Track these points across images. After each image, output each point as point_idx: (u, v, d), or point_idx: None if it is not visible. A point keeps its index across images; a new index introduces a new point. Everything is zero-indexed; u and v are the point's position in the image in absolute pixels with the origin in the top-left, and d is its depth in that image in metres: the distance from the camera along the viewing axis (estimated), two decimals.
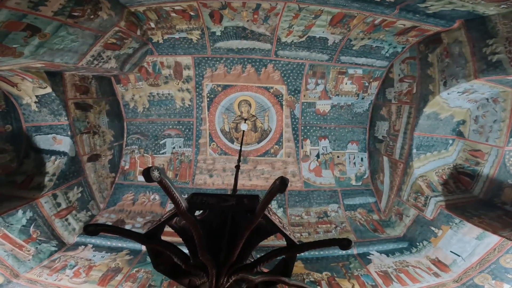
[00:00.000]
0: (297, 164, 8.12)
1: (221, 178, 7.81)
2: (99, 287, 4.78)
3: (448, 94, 5.70)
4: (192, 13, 5.89)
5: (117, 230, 1.84)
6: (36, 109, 6.19)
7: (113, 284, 4.86)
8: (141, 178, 7.79)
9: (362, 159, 8.25)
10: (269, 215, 1.82)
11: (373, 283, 5.27)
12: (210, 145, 7.83)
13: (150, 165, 1.05)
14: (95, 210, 6.98)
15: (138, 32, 6.14)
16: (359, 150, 8.32)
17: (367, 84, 7.67)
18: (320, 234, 6.79)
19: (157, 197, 7.52)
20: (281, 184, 1.31)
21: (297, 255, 2.02)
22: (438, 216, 5.73)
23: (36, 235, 5.30)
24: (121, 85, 7.47)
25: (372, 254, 6.01)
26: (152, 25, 6.14)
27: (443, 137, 6.54)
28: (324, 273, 5.47)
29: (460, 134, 6.50)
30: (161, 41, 6.65)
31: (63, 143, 6.45)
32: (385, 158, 7.41)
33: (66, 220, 6.05)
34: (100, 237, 6.09)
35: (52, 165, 6.28)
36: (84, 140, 6.76)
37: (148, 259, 5.60)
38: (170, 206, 7.27)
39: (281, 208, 7.47)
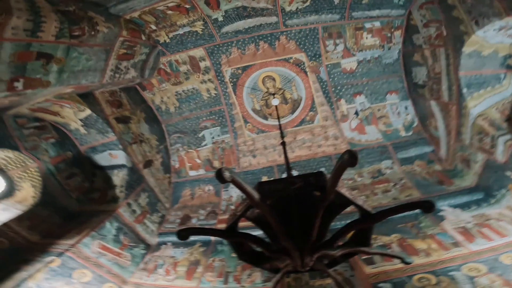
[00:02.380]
0: (336, 126, 7.89)
1: (265, 156, 8.03)
2: (188, 281, 5.54)
3: (484, 32, 4.92)
4: (187, 6, 5.79)
5: (203, 231, 2.12)
6: (85, 132, 6.83)
7: (197, 277, 5.60)
8: (192, 173, 8.43)
9: (406, 108, 7.63)
10: (339, 190, 1.77)
11: (452, 241, 4.84)
12: (245, 126, 7.96)
13: (220, 167, 1.17)
14: (164, 210, 7.85)
15: (143, 37, 6.19)
16: (401, 99, 7.68)
17: (389, 34, 7.10)
18: (378, 195, 6.55)
19: (211, 187, 8.10)
20: (350, 158, 1.24)
21: None
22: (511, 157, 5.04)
23: (127, 242, 6.22)
24: (147, 91, 7.77)
25: (444, 210, 5.42)
26: (153, 27, 6.17)
27: (493, 72, 5.68)
28: (393, 236, 5.23)
29: (510, 67, 5.60)
30: (168, 40, 6.70)
31: (119, 157, 7.15)
32: (433, 103, 6.73)
33: (144, 224, 6.96)
34: (174, 234, 6.96)
35: (117, 178, 7.10)
36: (135, 150, 7.37)
37: (219, 248, 6.32)
38: (224, 194, 7.84)
39: None
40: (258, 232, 2.14)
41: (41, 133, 6.37)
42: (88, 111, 6.28)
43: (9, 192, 6.06)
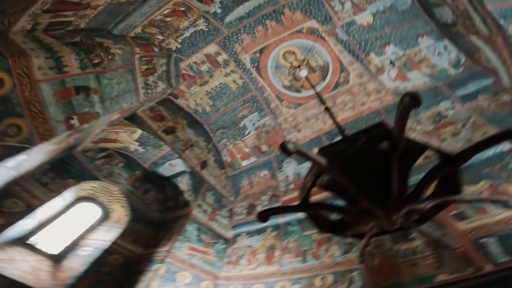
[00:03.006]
0: (374, 80, 7.32)
1: (309, 128, 7.93)
2: (269, 266, 5.99)
3: None
4: (182, 8, 5.87)
5: (280, 209, 2.16)
6: (143, 150, 7.56)
7: (277, 260, 6.03)
8: (245, 163, 8.76)
9: (445, 47, 6.61)
10: (408, 136, 1.62)
11: None
12: (282, 105, 7.90)
13: (282, 141, 1.24)
14: (230, 204, 8.45)
15: (155, 49, 6.44)
16: (435, 40, 6.69)
17: None
18: (448, 140, 5.83)
19: (265, 172, 8.37)
20: (412, 99, 1.16)
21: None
22: None
23: (208, 240, 6.95)
24: (180, 98, 8.14)
25: None
26: (160, 37, 6.37)
27: None
28: (480, 184, 4.60)
29: None
30: (179, 46, 6.89)
31: (178, 165, 7.82)
32: (473, 37, 5.66)
33: (217, 220, 7.63)
34: (246, 224, 7.51)
35: (183, 184, 7.80)
36: (189, 155, 7.96)
37: (290, 229, 6.63)
38: (280, 176, 8.04)
39: None
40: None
41: (110, 161, 7.26)
42: (139, 131, 6.92)
43: (106, 216, 7.20)
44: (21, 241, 5.58)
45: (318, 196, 5.73)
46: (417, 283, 4.29)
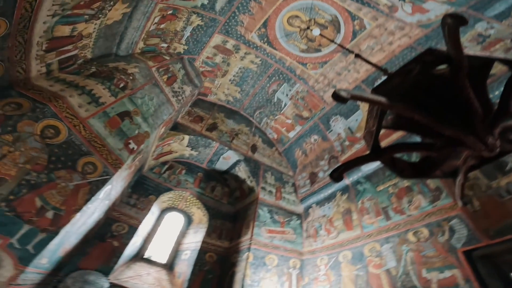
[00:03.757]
0: (392, 18, 6.19)
1: (344, 81, 7.27)
2: (350, 231, 5.80)
3: None
4: (170, 12, 5.74)
5: (352, 163, 1.94)
6: (197, 152, 8.01)
7: (357, 224, 5.76)
8: (292, 134, 8.53)
9: None
10: (467, 53, 1.46)
11: None
12: (307, 69, 7.37)
13: (334, 90, 1.10)
14: (291, 179, 8.48)
15: (166, 57, 6.47)
16: None
17: None
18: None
19: (315, 137, 7.99)
20: (455, 19, 1.14)
21: None
22: None
23: (282, 219, 7.13)
24: (209, 95, 8.23)
25: None
26: (163, 44, 6.37)
27: None
28: None
29: None
30: (185, 47, 6.83)
31: (231, 156, 8.05)
32: None
33: (284, 198, 7.74)
34: (313, 195, 7.42)
35: (241, 172, 8.02)
36: (237, 144, 8.14)
37: (360, 188, 6.30)
38: (331, 136, 7.58)
39: None
40: None
41: (174, 171, 7.91)
42: (186, 137, 7.33)
43: (189, 220, 7.90)
44: (139, 257, 6.56)
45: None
46: None
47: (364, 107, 6.89)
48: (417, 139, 5.00)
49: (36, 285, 3.90)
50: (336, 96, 1.26)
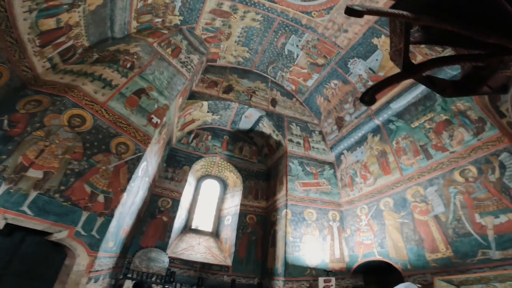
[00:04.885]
0: None
1: (355, 23, 6.40)
2: (389, 175, 5.53)
3: None
4: None
5: (383, 83, 1.78)
6: (218, 116, 7.91)
7: (394, 167, 5.49)
8: (309, 83, 7.94)
9: None
10: None
11: None
12: (313, 17, 6.52)
13: (346, 6, 0.95)
14: (317, 127, 8.19)
15: (165, 31, 6.10)
16: None
17: None
18: None
19: (335, 81, 7.36)
20: None
21: None
22: None
23: (314, 170, 7.06)
24: (218, 60, 7.74)
25: None
26: (158, 19, 5.94)
27: None
28: None
29: None
30: (181, 18, 6.34)
31: (252, 114, 7.83)
32: None
33: (313, 148, 7.58)
34: (343, 140, 7.15)
35: (266, 128, 7.87)
36: (256, 101, 7.84)
37: (392, 127, 5.87)
38: (352, 78, 6.95)
39: None
40: None
41: (201, 138, 7.94)
42: (205, 103, 7.19)
43: (225, 185, 8.16)
44: (188, 228, 7.06)
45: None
46: None
47: (382, 46, 6.10)
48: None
49: (112, 269, 4.33)
50: (349, 11, 1.11)
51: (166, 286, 4.90)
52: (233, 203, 7.47)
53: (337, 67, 7.13)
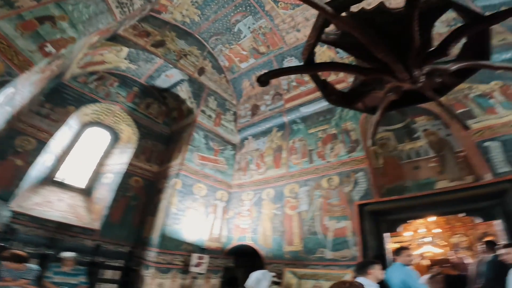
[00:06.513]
0: None
1: (310, 27, 6.49)
2: (277, 169, 5.98)
3: None
4: None
5: (282, 71, 1.95)
6: (135, 66, 6.80)
7: (284, 162, 5.99)
8: (244, 65, 7.74)
9: None
10: None
11: None
12: (277, 6, 6.37)
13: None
14: (233, 107, 8.04)
15: None
16: None
17: None
18: (459, 44, 4.71)
19: (266, 71, 7.39)
20: None
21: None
22: None
23: (216, 147, 6.93)
24: (163, 13, 6.62)
25: None
26: None
27: None
28: (493, 83, 4.20)
29: None
30: None
31: (174, 75, 7.07)
32: None
33: (223, 125, 7.43)
34: (252, 127, 7.29)
35: (183, 92, 7.25)
36: (184, 64, 7.11)
37: (295, 128, 6.39)
38: None
39: None
40: None
41: (103, 82, 6.62)
42: (125, 49, 6.12)
43: (116, 138, 7.08)
44: (49, 180, 5.75)
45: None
46: (419, 188, 4.22)
47: (320, 55, 6.41)
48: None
49: None
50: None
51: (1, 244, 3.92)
52: (120, 160, 6.55)
53: (275, 59, 7.16)
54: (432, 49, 1.53)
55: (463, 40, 1.61)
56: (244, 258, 5.94)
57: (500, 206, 3.60)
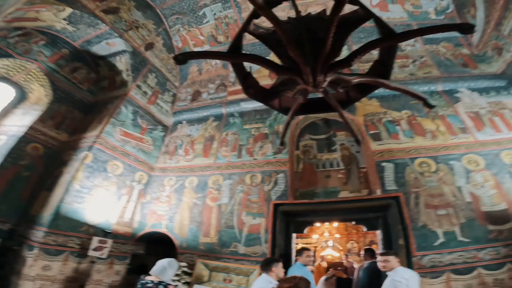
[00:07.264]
0: None
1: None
2: (205, 158, 5.80)
3: None
4: None
5: (203, 53, 1.98)
6: (74, 29, 5.85)
7: (213, 153, 5.83)
8: (197, 50, 7.38)
9: None
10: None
11: (462, 126, 4.55)
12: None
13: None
14: (174, 89, 7.54)
15: None
16: None
17: None
18: (394, 70, 5.41)
19: (218, 61, 7.19)
20: None
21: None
22: None
23: (145, 125, 6.34)
24: None
25: (461, 92, 5.01)
26: None
27: None
28: (403, 112, 4.88)
29: None
30: None
31: (117, 44, 6.31)
32: None
33: (158, 104, 6.88)
34: (188, 112, 6.95)
35: (121, 63, 6.49)
36: (132, 36, 6.46)
37: (231, 121, 6.34)
38: (232, 67, 7.01)
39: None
40: None
41: (27, 39, 5.53)
42: (69, 9, 5.32)
43: (22, 96, 5.90)
44: None
45: None
46: (326, 195, 4.62)
47: (273, 56, 6.47)
48: None
49: None
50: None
51: None
52: (21, 122, 5.34)
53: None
54: (339, 58, 1.60)
55: (375, 58, 1.77)
56: (157, 246, 5.59)
57: (382, 219, 4.20)
